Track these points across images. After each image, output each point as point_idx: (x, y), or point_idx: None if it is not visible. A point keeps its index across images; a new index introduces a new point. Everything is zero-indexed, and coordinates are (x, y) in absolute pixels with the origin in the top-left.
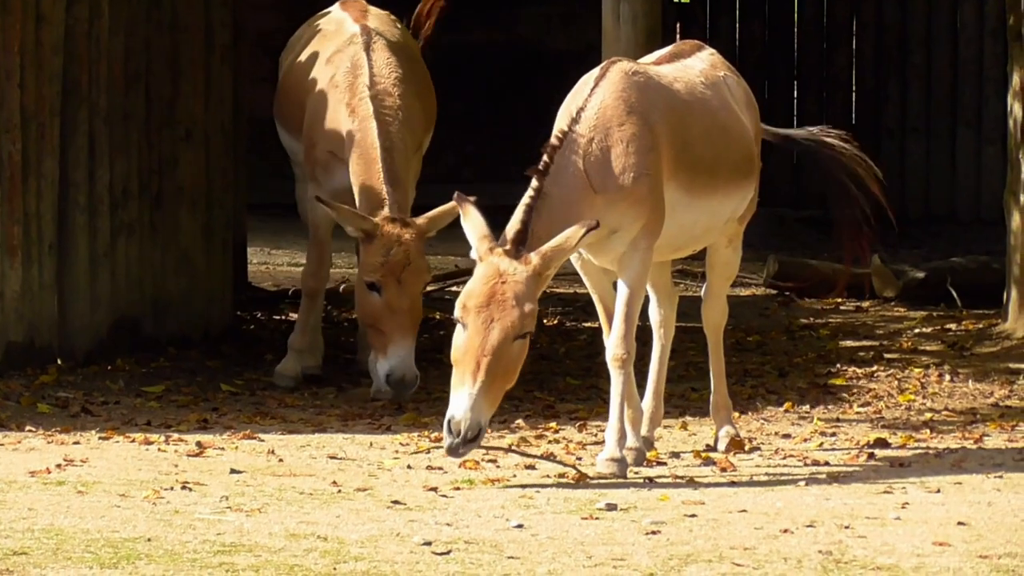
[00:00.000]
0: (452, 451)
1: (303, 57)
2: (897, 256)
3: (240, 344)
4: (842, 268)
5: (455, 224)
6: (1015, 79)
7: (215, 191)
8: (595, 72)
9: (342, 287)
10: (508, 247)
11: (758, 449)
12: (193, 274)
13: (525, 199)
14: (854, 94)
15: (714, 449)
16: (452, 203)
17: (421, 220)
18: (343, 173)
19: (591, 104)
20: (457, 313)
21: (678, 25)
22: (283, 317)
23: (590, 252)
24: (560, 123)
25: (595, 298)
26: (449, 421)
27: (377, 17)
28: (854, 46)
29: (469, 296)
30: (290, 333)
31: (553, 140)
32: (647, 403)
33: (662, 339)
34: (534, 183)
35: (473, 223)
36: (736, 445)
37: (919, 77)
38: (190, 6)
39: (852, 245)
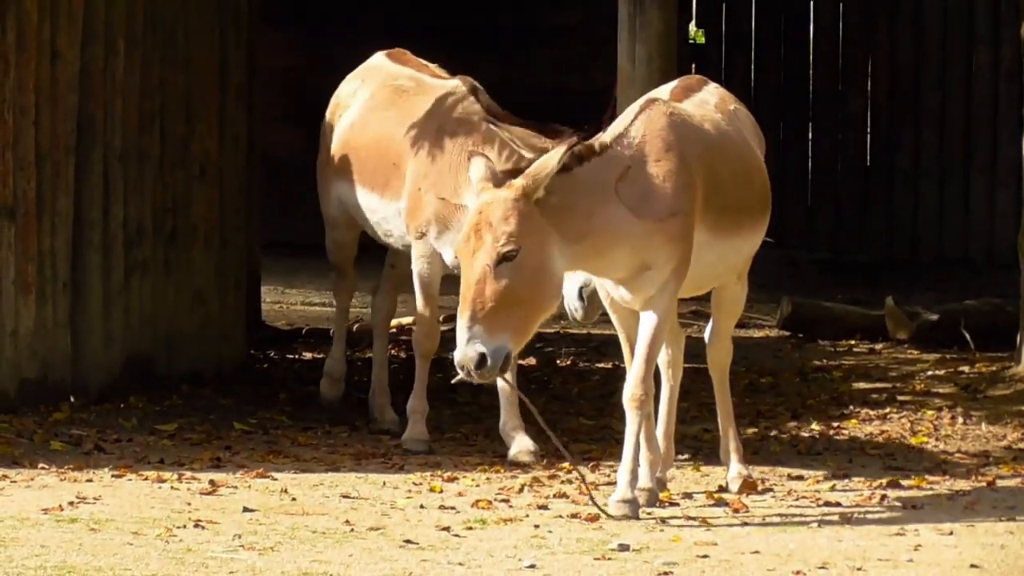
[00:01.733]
0: (471, 380)
1: (384, 115)
2: (910, 299)
3: (253, 383)
4: (857, 310)
5: None
6: None
7: (229, 229)
8: (634, 107)
9: (355, 326)
10: (495, 180)
11: (771, 490)
12: (206, 312)
13: (546, 156)
14: (868, 136)
15: (726, 490)
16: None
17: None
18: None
19: (632, 132)
20: (452, 262)
21: (693, 66)
22: (296, 356)
23: (624, 288)
24: (602, 137)
25: (622, 337)
26: (452, 358)
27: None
28: (869, 88)
29: (459, 235)
30: (306, 371)
31: (595, 145)
32: (659, 443)
33: (671, 380)
34: (566, 160)
35: (476, 169)
36: (748, 486)
37: (933, 120)
38: (205, 46)
39: None
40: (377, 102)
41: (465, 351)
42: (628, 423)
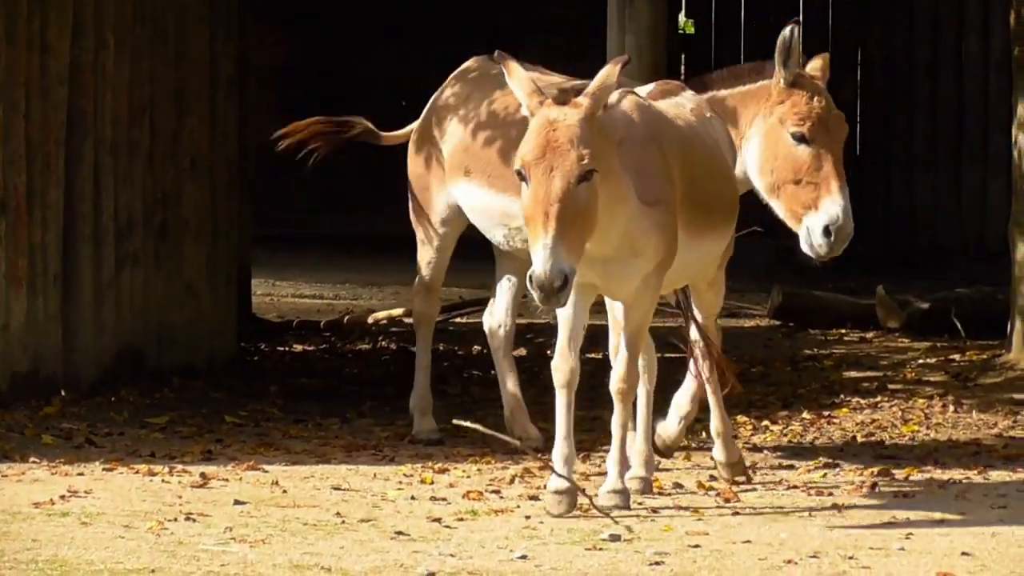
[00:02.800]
0: (545, 303)
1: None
2: (901, 287)
3: (244, 375)
4: (848, 299)
5: (455, 255)
6: (1020, 110)
7: (220, 222)
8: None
9: (346, 318)
10: (557, 95)
11: (723, 496)
12: (198, 305)
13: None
14: (859, 126)
15: (717, 479)
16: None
17: (817, 72)
18: None
19: (616, 114)
20: (517, 167)
21: (683, 57)
22: (287, 348)
23: (606, 278)
24: None
25: (566, 327)
26: (530, 277)
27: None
28: (859, 78)
29: (526, 151)
30: (297, 364)
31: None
32: (638, 447)
33: (646, 383)
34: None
35: (518, 79)
36: (739, 472)
37: (924, 110)
38: (195, 39)
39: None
40: (507, 103)
41: (549, 269)
42: (615, 413)
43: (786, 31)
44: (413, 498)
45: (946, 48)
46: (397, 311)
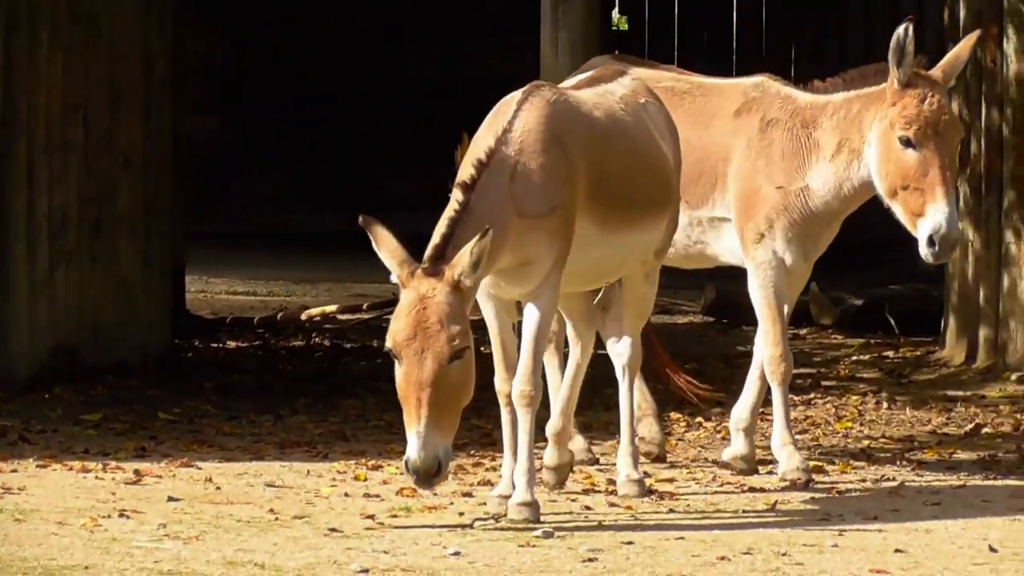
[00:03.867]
0: (421, 486)
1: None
2: (835, 284)
3: (178, 372)
4: None
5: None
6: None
7: (154, 220)
8: (517, 95)
9: (280, 315)
10: (427, 266)
11: (656, 494)
12: (131, 302)
13: (449, 212)
14: None
15: (617, 494)
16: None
17: (937, 71)
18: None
19: (516, 126)
20: (389, 348)
21: (616, 52)
22: (221, 345)
23: (504, 280)
24: (487, 140)
25: (493, 334)
26: (406, 463)
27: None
28: (792, 74)
29: (396, 330)
30: (231, 360)
31: (481, 155)
32: (553, 422)
33: (578, 358)
34: (459, 196)
35: (388, 248)
36: (640, 492)
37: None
38: (129, 36)
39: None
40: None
41: (424, 457)
42: (520, 421)
43: (900, 30)
44: (347, 495)
45: (879, 44)
46: (330, 307)
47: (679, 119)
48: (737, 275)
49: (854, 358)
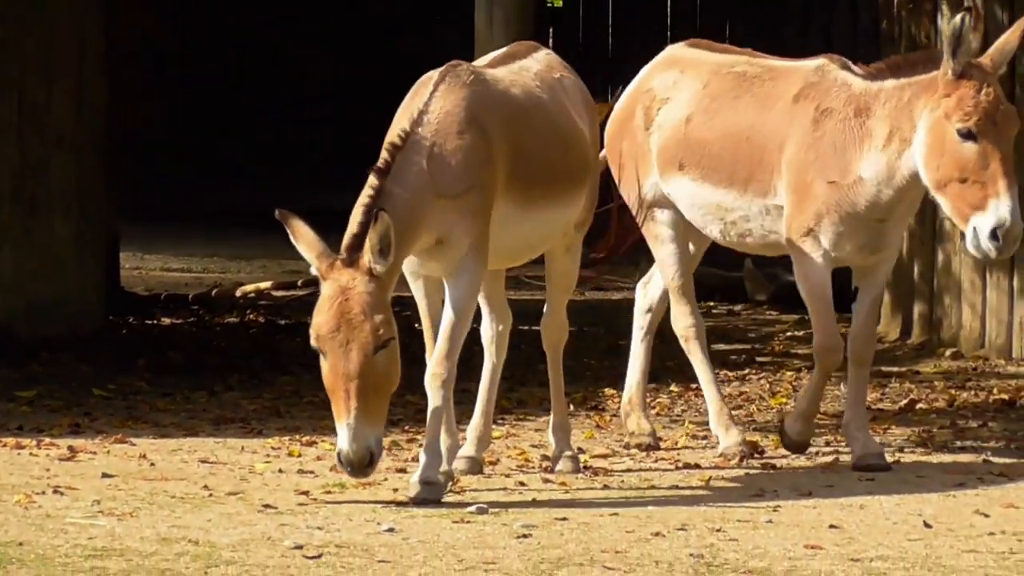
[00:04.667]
0: (355, 476)
1: (737, 104)
2: (770, 260)
3: (113, 349)
4: (716, 272)
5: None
6: None
7: (88, 196)
8: (434, 75)
9: (214, 292)
10: (344, 256)
11: (590, 470)
12: (66, 279)
13: (363, 199)
14: None
15: (552, 470)
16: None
17: (986, 59)
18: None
19: (432, 108)
20: (313, 342)
21: (551, 30)
22: (155, 322)
23: (422, 259)
24: (402, 123)
25: (423, 312)
26: (339, 455)
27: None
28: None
29: (320, 323)
30: (165, 337)
31: (395, 139)
32: (475, 422)
33: (494, 357)
34: (373, 181)
35: (306, 241)
36: (574, 468)
37: None
38: (64, 13)
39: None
40: (719, 91)
41: (356, 449)
42: (430, 402)
43: (956, 19)
44: (281, 471)
45: (815, 24)
46: (265, 284)
47: (750, 104)
48: None
49: (789, 334)
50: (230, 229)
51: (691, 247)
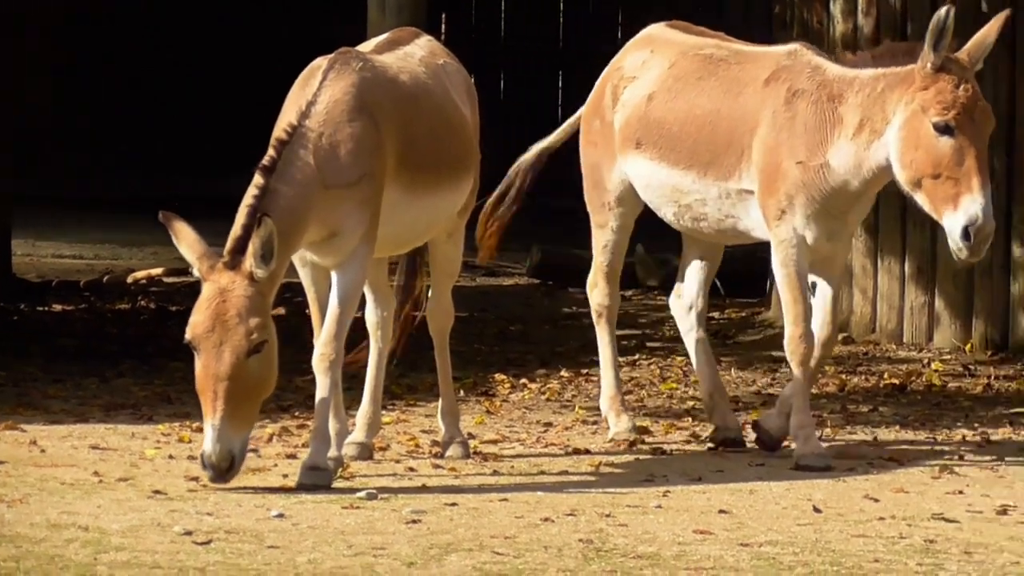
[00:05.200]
0: (216, 481)
1: (701, 86)
2: (661, 245)
3: (3, 335)
4: None
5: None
6: None
7: None
8: (323, 64)
9: (106, 278)
10: (227, 259)
11: (480, 456)
12: None
13: (247, 199)
14: None
15: (441, 456)
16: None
17: (963, 55)
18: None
19: (321, 98)
20: (188, 341)
21: (443, 16)
22: (47, 308)
23: (312, 252)
24: (288, 116)
25: (311, 299)
26: (201, 456)
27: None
28: (619, 40)
29: (196, 323)
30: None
31: (281, 134)
32: (364, 408)
33: (379, 342)
34: (259, 180)
35: (187, 243)
36: (463, 454)
37: None
38: None
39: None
40: (684, 72)
41: (219, 451)
42: (318, 388)
43: (941, 11)
44: (171, 457)
45: (706, 7)
46: (156, 270)
47: (715, 87)
48: (562, 238)
49: None
50: (122, 216)
51: (704, 264)
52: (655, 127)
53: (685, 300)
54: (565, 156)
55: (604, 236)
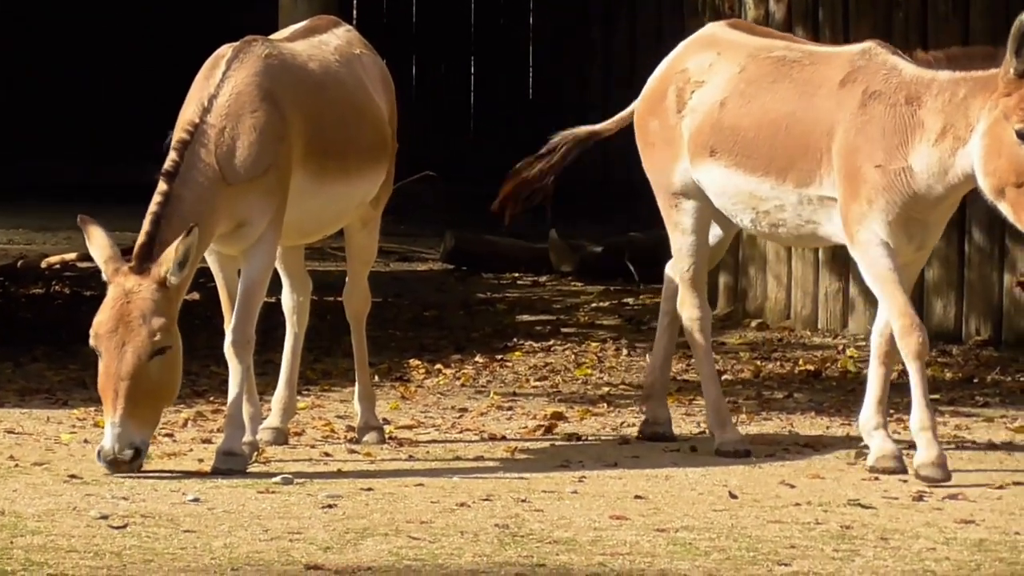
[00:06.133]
0: (117, 472)
1: (775, 89)
2: (575, 230)
3: None
4: (521, 243)
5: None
6: None
7: None
8: (227, 53)
9: (19, 263)
10: (133, 264)
11: (395, 441)
12: None
13: (152, 206)
14: (531, 70)
15: (357, 441)
16: None
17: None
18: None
19: (224, 91)
20: (92, 342)
21: (355, 2)
22: None
23: (218, 244)
24: (190, 112)
25: (220, 285)
26: (99, 453)
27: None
28: (531, 22)
29: (99, 323)
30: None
31: (182, 135)
32: (280, 393)
33: (295, 327)
34: (162, 187)
35: (98, 245)
36: (379, 439)
37: (598, 53)
38: None
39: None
40: (755, 76)
41: (121, 447)
42: (231, 373)
43: (1021, 17)
44: (87, 441)
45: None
46: (70, 255)
47: (788, 90)
48: (476, 224)
49: (594, 305)
50: (35, 200)
51: (719, 231)
52: (729, 134)
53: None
54: (481, 144)
55: (680, 239)
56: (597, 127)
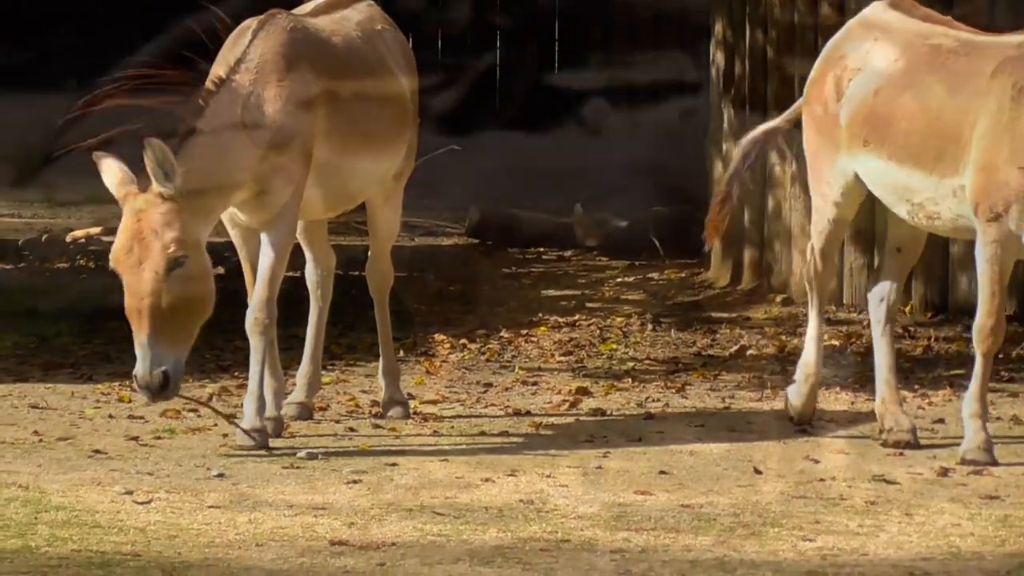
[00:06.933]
0: (152, 400)
1: (929, 79)
2: (600, 205)
3: None
4: (546, 218)
5: None
6: (717, 28)
7: None
8: (253, 23)
9: (44, 237)
10: (138, 184)
11: (420, 416)
12: None
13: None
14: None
15: (382, 416)
16: None
17: None
18: None
19: (250, 55)
20: (112, 265)
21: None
22: None
23: (241, 211)
24: (217, 70)
25: (243, 259)
26: (135, 377)
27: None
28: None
29: (116, 248)
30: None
31: (209, 86)
32: (304, 368)
33: (319, 301)
34: (184, 122)
35: (110, 174)
36: (403, 414)
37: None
38: None
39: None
40: (911, 65)
41: (148, 371)
42: (252, 349)
43: None
44: (111, 416)
45: None
46: (95, 229)
47: (942, 80)
48: (501, 198)
49: (619, 280)
50: (59, 175)
51: (901, 255)
52: (882, 124)
53: (878, 290)
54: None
55: (820, 223)
56: (772, 123)
